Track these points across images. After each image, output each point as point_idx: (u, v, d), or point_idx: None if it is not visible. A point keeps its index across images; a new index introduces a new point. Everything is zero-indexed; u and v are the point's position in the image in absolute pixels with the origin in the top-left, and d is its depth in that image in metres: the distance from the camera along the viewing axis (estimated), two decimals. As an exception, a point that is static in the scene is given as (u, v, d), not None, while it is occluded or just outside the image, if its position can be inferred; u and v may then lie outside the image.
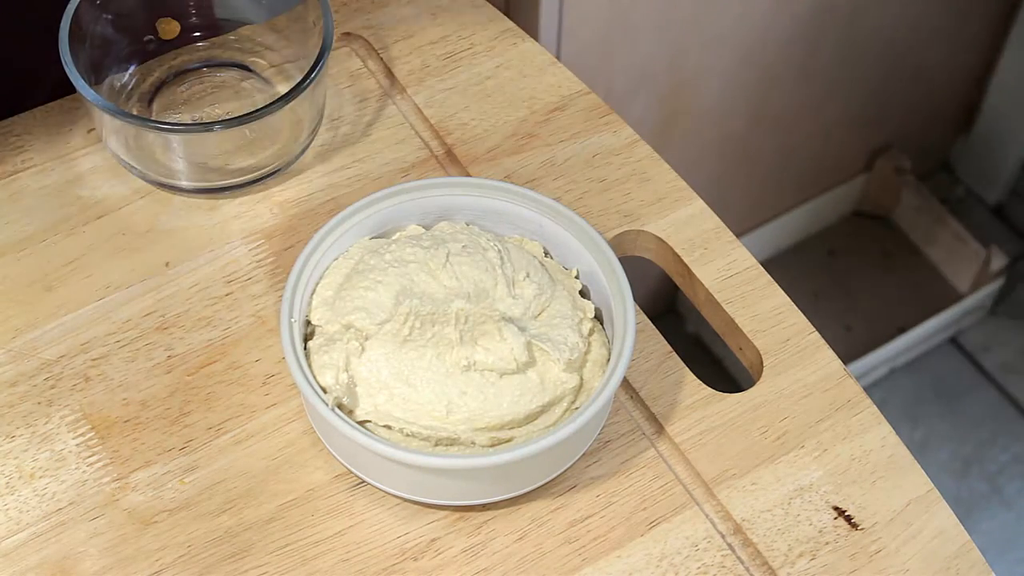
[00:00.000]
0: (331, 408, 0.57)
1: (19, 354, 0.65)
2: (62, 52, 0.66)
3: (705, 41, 1.37)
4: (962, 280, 1.77)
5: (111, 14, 0.70)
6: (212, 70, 0.74)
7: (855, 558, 0.60)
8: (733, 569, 0.60)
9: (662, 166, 0.73)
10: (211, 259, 0.68)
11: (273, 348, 0.65)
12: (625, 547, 0.60)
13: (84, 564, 0.59)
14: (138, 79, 0.73)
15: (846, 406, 0.65)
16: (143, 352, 0.65)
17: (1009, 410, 1.69)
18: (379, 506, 0.61)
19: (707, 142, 1.52)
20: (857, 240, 1.83)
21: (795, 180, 1.71)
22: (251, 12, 0.74)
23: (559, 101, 0.75)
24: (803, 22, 1.44)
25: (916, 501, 0.62)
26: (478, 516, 0.61)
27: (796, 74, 1.51)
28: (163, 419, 0.63)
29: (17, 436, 0.62)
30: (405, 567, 0.59)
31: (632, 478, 0.62)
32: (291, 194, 0.71)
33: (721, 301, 0.68)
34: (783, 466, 0.63)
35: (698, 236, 0.70)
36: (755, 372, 0.66)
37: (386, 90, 0.76)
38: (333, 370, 0.58)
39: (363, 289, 0.60)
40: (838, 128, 1.67)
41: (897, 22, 1.55)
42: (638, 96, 1.38)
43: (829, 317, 1.73)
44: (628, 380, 0.65)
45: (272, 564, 0.59)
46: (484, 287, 0.61)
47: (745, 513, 0.61)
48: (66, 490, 0.61)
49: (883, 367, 1.70)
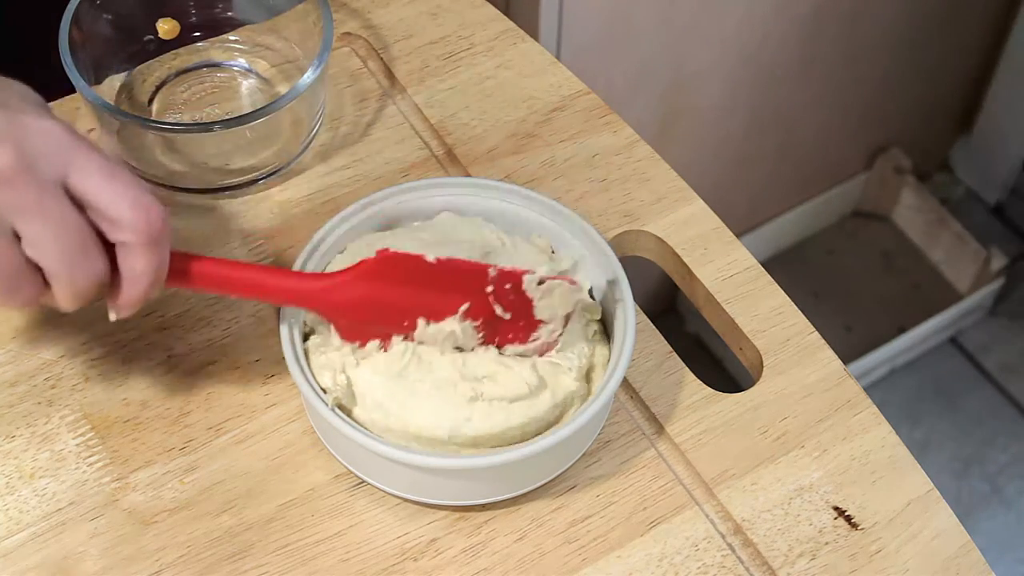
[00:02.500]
0: (331, 408, 0.57)
1: (19, 354, 0.65)
2: (62, 52, 0.66)
3: (705, 41, 1.37)
4: (962, 280, 1.77)
5: (111, 14, 0.70)
6: (212, 70, 0.74)
7: (855, 558, 0.60)
8: (733, 569, 0.60)
9: (662, 166, 0.73)
10: (211, 259, 0.68)
11: (273, 348, 0.65)
12: (625, 547, 0.60)
13: (84, 564, 0.59)
14: (138, 79, 0.73)
15: (846, 406, 0.65)
16: (143, 352, 0.65)
17: (1009, 410, 1.69)
18: (379, 506, 0.61)
19: (707, 142, 1.52)
20: (857, 240, 1.83)
21: (795, 180, 1.71)
22: (251, 12, 0.74)
23: (559, 101, 0.75)
24: (803, 22, 1.44)
25: (916, 501, 0.62)
26: (478, 516, 0.61)
27: (796, 74, 1.51)
28: (163, 419, 0.63)
29: (17, 436, 0.62)
30: (405, 567, 0.59)
31: (632, 478, 0.62)
32: (291, 194, 0.71)
33: (721, 301, 0.68)
34: (783, 466, 0.63)
35: (698, 236, 0.70)
36: (755, 372, 0.66)
37: (386, 90, 0.76)
38: (332, 371, 0.59)
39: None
40: (838, 128, 1.67)
41: (897, 22, 1.55)
42: (638, 96, 1.38)
43: (829, 317, 1.73)
44: (628, 380, 0.65)
45: (272, 564, 0.59)
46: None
47: (745, 513, 0.61)
48: (66, 490, 0.61)
49: (883, 367, 1.70)
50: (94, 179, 0.52)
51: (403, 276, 0.58)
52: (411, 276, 0.58)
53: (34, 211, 0.51)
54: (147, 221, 0.52)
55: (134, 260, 0.53)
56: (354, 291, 0.58)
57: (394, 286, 0.58)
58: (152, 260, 0.54)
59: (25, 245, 0.52)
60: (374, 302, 0.59)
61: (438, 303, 0.58)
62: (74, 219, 0.52)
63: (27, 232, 0.51)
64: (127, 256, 0.53)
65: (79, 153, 0.52)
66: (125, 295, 0.55)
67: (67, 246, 0.52)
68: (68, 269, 0.52)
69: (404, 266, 0.58)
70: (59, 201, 0.51)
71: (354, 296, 0.58)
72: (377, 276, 0.58)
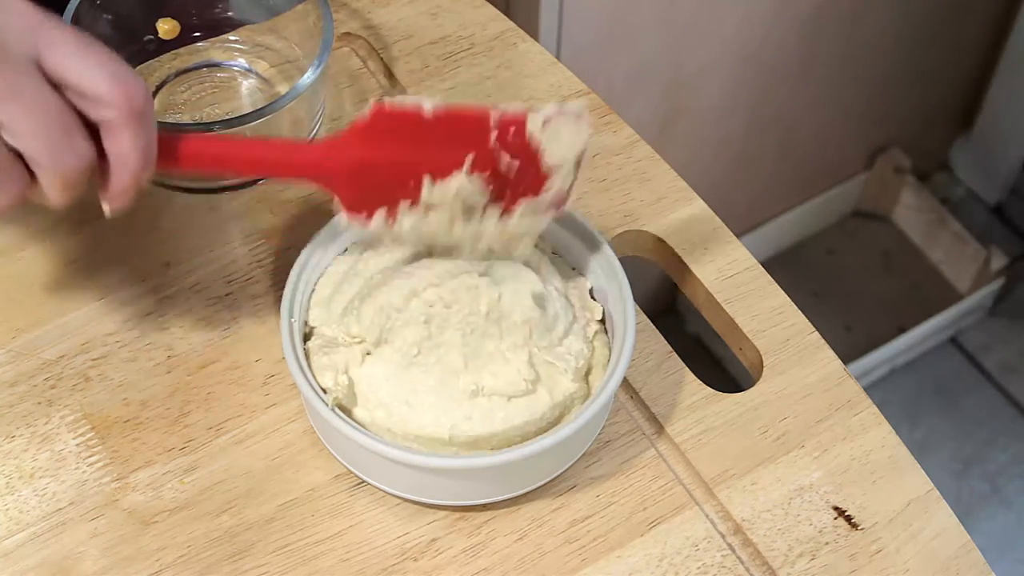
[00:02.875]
0: (331, 408, 0.57)
1: (19, 354, 0.65)
2: (62, 52, 0.66)
3: (705, 41, 1.37)
4: (962, 280, 1.77)
5: (111, 14, 0.70)
6: (212, 70, 0.74)
7: (855, 558, 0.60)
8: (733, 569, 0.60)
9: (662, 166, 0.73)
10: (211, 259, 0.68)
11: (273, 348, 0.65)
12: (625, 547, 0.60)
13: (84, 564, 0.59)
14: (138, 79, 0.73)
15: (846, 406, 0.65)
16: (143, 352, 0.65)
17: (1009, 410, 1.69)
18: (379, 506, 0.61)
19: (707, 142, 1.52)
20: (857, 240, 1.83)
21: (795, 180, 1.71)
22: (251, 12, 0.74)
23: (559, 101, 0.75)
24: (803, 22, 1.44)
25: (916, 501, 0.62)
26: (478, 516, 0.61)
27: (796, 74, 1.51)
28: (163, 419, 0.63)
29: (17, 436, 0.62)
30: (405, 567, 0.59)
31: (632, 478, 0.62)
32: (291, 194, 0.71)
33: (721, 301, 0.68)
34: (783, 466, 0.63)
35: (698, 236, 0.70)
36: (755, 372, 0.66)
37: (386, 90, 0.76)
38: (332, 372, 0.58)
39: (374, 296, 0.59)
40: (838, 128, 1.67)
41: (897, 22, 1.55)
42: (638, 96, 1.38)
43: (829, 317, 1.73)
44: (628, 380, 0.65)
45: (272, 564, 0.59)
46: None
47: (745, 513, 0.61)
48: (66, 490, 0.61)
49: (883, 367, 1.70)
50: (69, 56, 0.49)
51: (401, 133, 0.55)
52: (409, 132, 0.55)
53: (9, 95, 0.48)
54: (127, 94, 0.50)
55: (119, 138, 0.51)
56: (352, 154, 0.56)
57: (393, 144, 0.56)
58: (138, 137, 0.51)
59: (3, 133, 0.49)
60: (374, 163, 0.56)
61: (442, 158, 0.55)
62: (53, 100, 0.49)
63: (4, 118, 0.49)
64: (112, 136, 0.51)
65: (51, 29, 0.49)
66: (115, 181, 0.52)
67: (48, 128, 0.49)
68: (51, 153, 0.49)
69: (401, 121, 0.56)
70: (35, 82, 0.49)
71: (353, 159, 0.56)
72: (373, 135, 0.55)
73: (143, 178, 0.52)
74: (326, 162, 0.56)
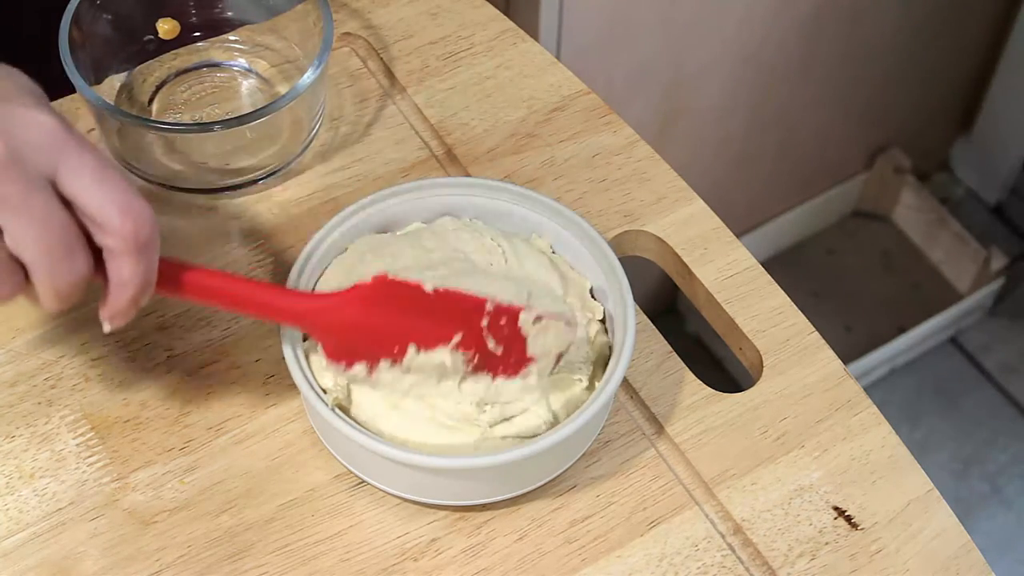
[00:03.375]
0: (331, 408, 0.57)
1: (19, 354, 0.65)
2: (62, 52, 0.66)
3: (705, 41, 1.37)
4: (962, 280, 1.77)
5: (111, 14, 0.70)
6: (212, 70, 0.74)
7: (855, 558, 0.60)
8: (733, 569, 0.60)
9: (662, 166, 0.73)
10: (211, 259, 0.68)
11: (273, 348, 0.65)
12: (625, 547, 0.60)
13: (84, 564, 0.59)
14: (138, 79, 0.73)
15: (846, 406, 0.65)
16: (143, 352, 0.65)
17: (1009, 410, 1.69)
18: (379, 506, 0.61)
19: (707, 142, 1.52)
20: (857, 240, 1.83)
21: (795, 180, 1.71)
22: (251, 12, 0.74)
23: (559, 101, 0.75)
24: (803, 22, 1.44)
25: (916, 501, 0.62)
26: (478, 516, 0.61)
27: (796, 74, 1.51)
28: (163, 419, 0.63)
29: (17, 436, 0.62)
30: (405, 567, 0.59)
31: (632, 478, 0.62)
32: (291, 194, 0.71)
33: (721, 301, 0.68)
34: (783, 466, 0.63)
35: (698, 236, 0.70)
36: (755, 372, 0.66)
37: (386, 90, 0.76)
38: (332, 372, 0.58)
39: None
40: (838, 128, 1.67)
41: (897, 22, 1.55)
42: (638, 96, 1.38)
43: (829, 317, 1.73)
44: (628, 380, 0.65)
45: (272, 564, 0.59)
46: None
47: (745, 513, 0.61)
48: (66, 490, 0.61)
49: (883, 367, 1.70)
50: (84, 180, 0.51)
51: (399, 303, 0.58)
52: (407, 304, 0.57)
53: (19, 206, 0.50)
54: (135, 228, 0.51)
55: (121, 265, 0.52)
56: (346, 314, 0.57)
57: (388, 312, 0.58)
58: (139, 267, 0.52)
59: (7, 239, 0.51)
60: (366, 326, 0.58)
61: (431, 332, 0.57)
62: (59, 217, 0.51)
63: (10, 227, 0.50)
64: (114, 262, 0.52)
65: (71, 150, 0.51)
66: (113, 302, 0.54)
67: (50, 245, 0.51)
68: (49, 268, 0.51)
69: (401, 293, 0.57)
70: (46, 198, 0.50)
71: (346, 319, 0.58)
72: (372, 301, 0.57)
73: (142, 302, 0.54)
74: (320, 316, 0.58)
